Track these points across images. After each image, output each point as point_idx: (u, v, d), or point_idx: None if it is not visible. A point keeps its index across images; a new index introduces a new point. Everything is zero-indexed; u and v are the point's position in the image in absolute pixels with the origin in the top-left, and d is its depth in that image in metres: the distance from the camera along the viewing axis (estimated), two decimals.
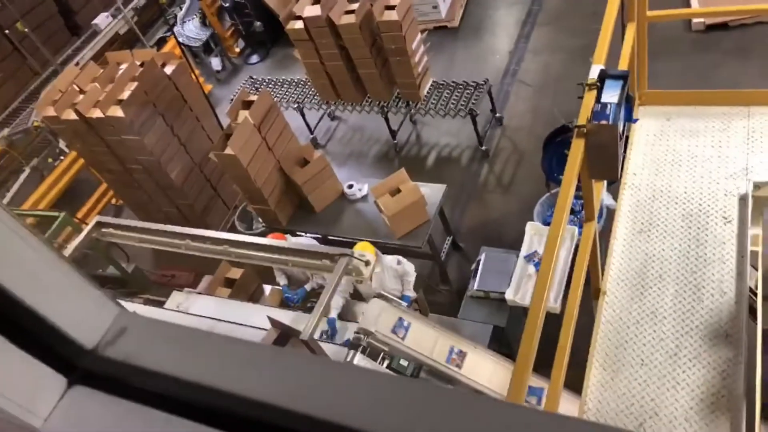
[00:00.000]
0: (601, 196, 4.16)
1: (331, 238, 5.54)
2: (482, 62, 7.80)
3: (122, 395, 0.72)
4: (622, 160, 3.06)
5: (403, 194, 5.01)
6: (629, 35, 3.56)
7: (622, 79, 2.89)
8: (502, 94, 7.25)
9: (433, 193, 5.31)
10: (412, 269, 4.61)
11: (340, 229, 5.55)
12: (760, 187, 3.48)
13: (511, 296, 4.48)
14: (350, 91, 6.65)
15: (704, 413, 2.83)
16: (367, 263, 4.01)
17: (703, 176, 3.68)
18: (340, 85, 6.66)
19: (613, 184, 4.32)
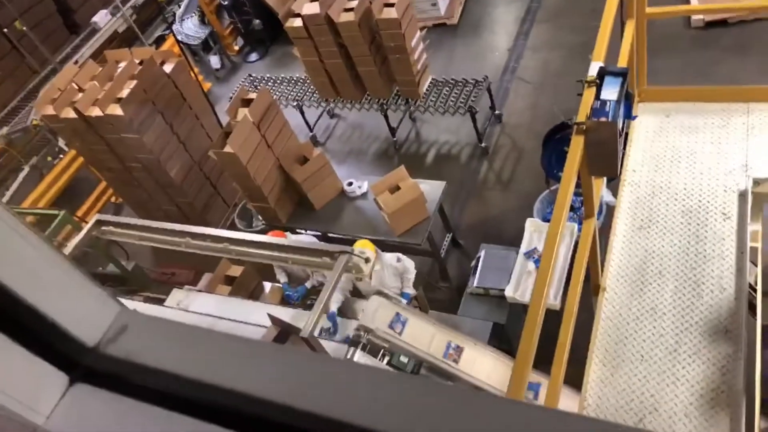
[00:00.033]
0: (600, 192, 4.17)
1: (330, 235, 5.54)
2: (481, 59, 7.79)
3: (124, 393, 0.72)
4: (621, 156, 3.06)
5: (402, 191, 5.01)
6: (628, 32, 3.55)
7: (621, 76, 2.89)
8: (501, 91, 7.25)
9: (432, 190, 5.31)
10: (412, 266, 4.61)
11: (339, 226, 5.56)
12: (759, 183, 3.48)
13: (510, 293, 4.49)
14: (349, 88, 6.65)
15: (704, 409, 2.84)
16: (367, 260, 4.01)
17: (702, 173, 3.68)
18: (339, 82, 6.66)
19: (612, 180, 4.32)
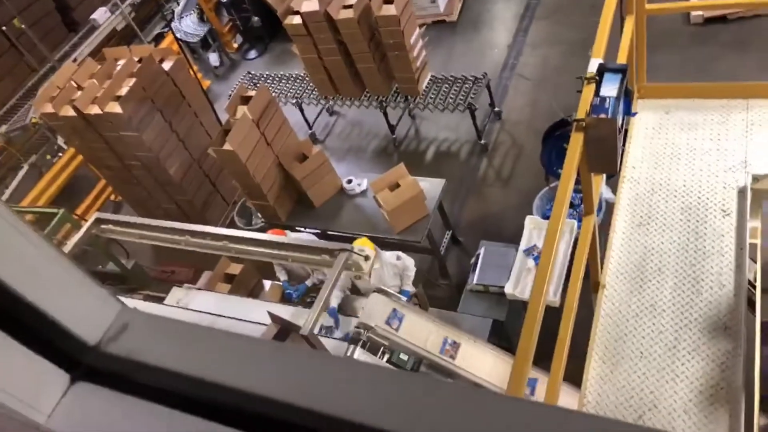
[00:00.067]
0: (600, 189, 4.16)
1: (330, 233, 5.54)
2: (481, 56, 7.78)
3: (125, 391, 0.73)
4: (621, 153, 3.06)
5: (402, 189, 5.01)
6: (628, 28, 3.54)
7: (620, 72, 2.88)
8: (500, 88, 7.24)
9: (432, 187, 5.31)
10: (412, 264, 4.61)
11: (339, 224, 5.56)
12: (758, 179, 3.48)
13: (510, 290, 4.49)
14: (349, 85, 6.64)
15: (703, 405, 2.84)
16: (366, 258, 4.02)
17: (702, 169, 3.68)
18: (338, 80, 6.65)
19: (612, 177, 4.31)
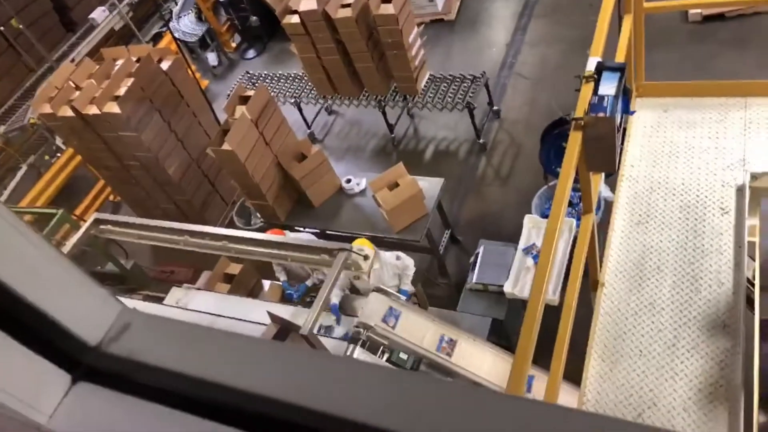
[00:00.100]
0: (598, 188, 4.16)
1: (329, 232, 5.54)
2: (479, 55, 7.78)
3: (126, 391, 0.73)
4: (619, 152, 3.07)
5: (401, 188, 5.01)
6: (626, 27, 3.55)
7: (619, 71, 2.89)
8: (499, 86, 7.24)
9: (431, 186, 5.31)
10: (411, 264, 4.61)
11: (338, 223, 5.56)
12: (757, 177, 3.48)
13: (509, 289, 4.50)
14: (347, 85, 6.64)
15: (702, 403, 2.85)
16: (365, 257, 4.02)
17: (700, 167, 3.69)
18: (336, 79, 6.65)
19: (610, 176, 4.32)
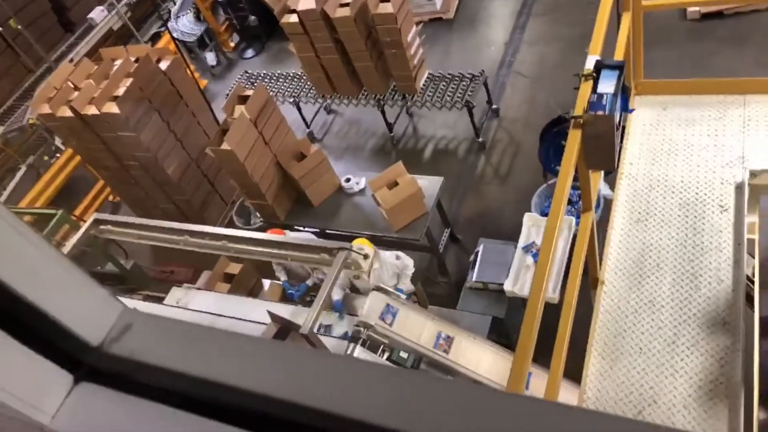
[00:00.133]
0: (598, 186, 4.17)
1: (329, 232, 5.55)
2: (478, 54, 7.78)
3: (129, 391, 0.73)
4: (618, 150, 3.07)
5: (400, 187, 5.02)
6: (624, 25, 3.55)
7: (618, 69, 2.89)
8: (498, 85, 7.24)
9: (430, 185, 5.31)
10: (411, 263, 4.62)
11: (338, 223, 5.56)
12: (756, 175, 3.48)
13: (509, 287, 4.50)
14: (346, 84, 6.64)
15: (703, 400, 2.85)
16: (365, 256, 4.02)
17: (699, 165, 3.69)
18: (335, 78, 6.64)
19: (610, 174, 4.33)
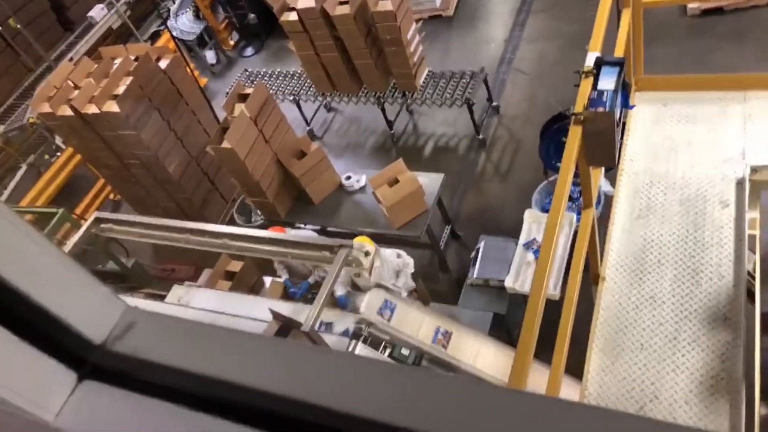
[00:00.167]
0: (598, 182, 4.17)
1: (329, 229, 5.55)
2: (478, 51, 7.78)
3: (132, 389, 0.73)
4: (619, 146, 3.07)
5: (401, 184, 5.02)
6: (624, 21, 3.55)
7: (618, 65, 2.89)
8: (498, 82, 7.23)
9: (431, 182, 5.31)
10: (411, 262, 4.62)
11: (338, 220, 5.56)
12: (757, 170, 3.49)
13: (510, 284, 4.51)
14: (346, 82, 6.64)
15: (704, 396, 2.86)
16: (366, 254, 4.02)
17: (700, 161, 3.69)
18: (335, 76, 6.64)
19: (610, 170, 4.32)
